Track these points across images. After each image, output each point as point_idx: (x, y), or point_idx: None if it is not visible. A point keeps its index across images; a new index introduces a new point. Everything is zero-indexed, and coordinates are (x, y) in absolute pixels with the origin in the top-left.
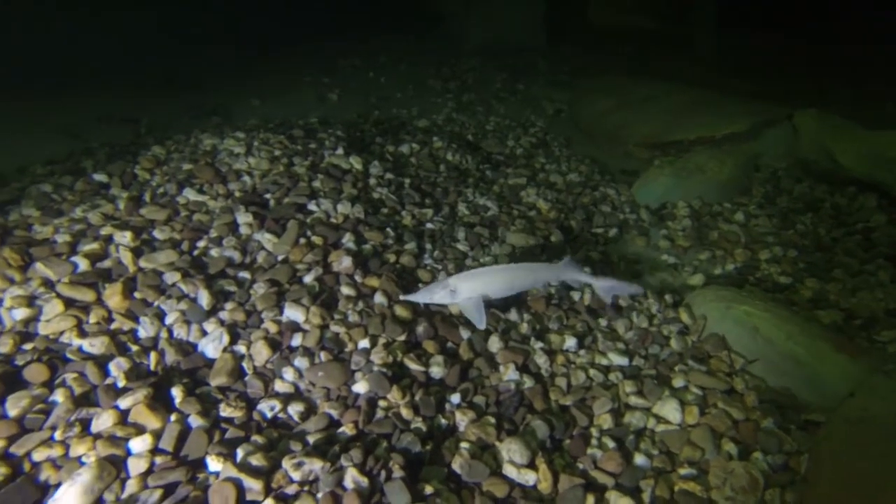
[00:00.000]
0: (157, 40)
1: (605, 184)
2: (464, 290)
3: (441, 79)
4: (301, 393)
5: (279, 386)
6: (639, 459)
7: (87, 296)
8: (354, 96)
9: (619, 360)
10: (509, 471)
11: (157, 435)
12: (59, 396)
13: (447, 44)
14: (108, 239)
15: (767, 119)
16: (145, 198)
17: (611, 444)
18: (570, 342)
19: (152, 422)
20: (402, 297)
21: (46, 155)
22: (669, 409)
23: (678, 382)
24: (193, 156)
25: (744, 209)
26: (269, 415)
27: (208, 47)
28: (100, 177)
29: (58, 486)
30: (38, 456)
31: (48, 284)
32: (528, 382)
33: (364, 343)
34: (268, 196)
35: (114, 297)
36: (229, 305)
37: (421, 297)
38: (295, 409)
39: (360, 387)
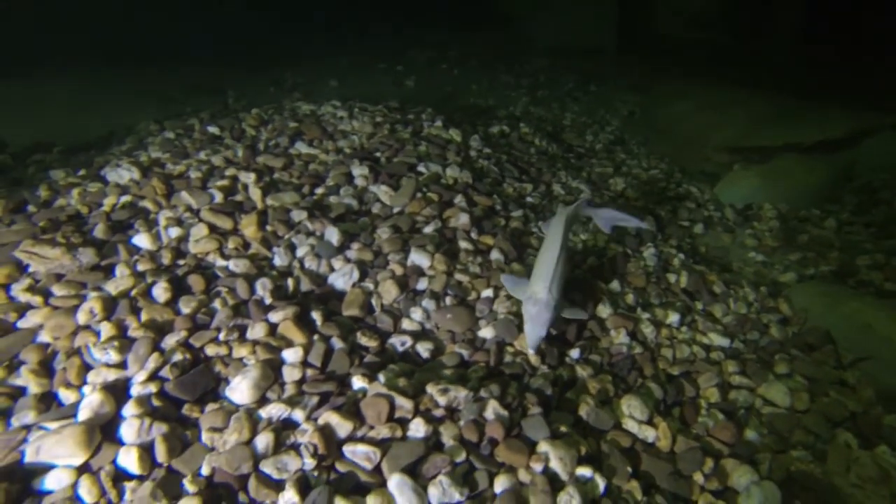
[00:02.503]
0: (241, 23)
1: (686, 182)
2: (548, 293)
3: (513, 75)
4: (428, 333)
5: (407, 324)
6: (750, 434)
7: (226, 223)
8: (430, 85)
9: (720, 340)
10: (630, 425)
11: (306, 350)
12: (217, 304)
13: (515, 44)
14: (234, 178)
15: (866, 128)
16: (259, 147)
17: (720, 416)
18: (674, 317)
19: (299, 338)
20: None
21: (146, 118)
22: (777, 393)
23: (782, 369)
24: (295, 117)
25: (835, 216)
26: (401, 349)
27: (286, 33)
28: (213, 129)
29: (227, 379)
30: (210, 351)
31: (192, 210)
32: (638, 348)
33: (487, 293)
34: (378, 154)
35: (249, 227)
36: (356, 245)
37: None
38: (425, 347)
39: (487, 332)
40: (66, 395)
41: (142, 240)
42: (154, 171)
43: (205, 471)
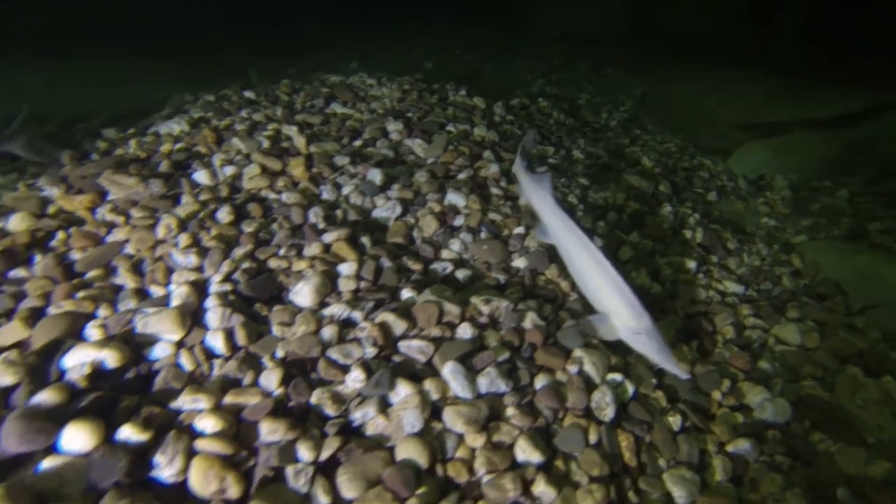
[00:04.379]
0: (261, 11)
1: (699, 155)
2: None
3: (527, 59)
4: (465, 262)
5: (446, 254)
6: (764, 365)
7: (275, 165)
8: (447, 67)
9: (735, 287)
10: None
11: (359, 265)
12: (275, 227)
13: (525, 32)
14: (277, 131)
15: (884, 102)
16: (296, 108)
17: (736, 348)
18: (692, 264)
19: (351, 256)
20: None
21: (176, 92)
22: (789, 332)
23: (794, 314)
24: (325, 84)
25: (848, 187)
26: (442, 273)
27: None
28: (249, 94)
29: (288, 288)
30: (272, 264)
31: (242, 154)
32: (658, 288)
33: (519, 230)
34: (409, 115)
35: (297, 168)
36: (396, 186)
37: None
38: (463, 273)
39: (520, 262)
40: (156, 291)
41: (201, 176)
42: (202, 125)
43: (279, 354)
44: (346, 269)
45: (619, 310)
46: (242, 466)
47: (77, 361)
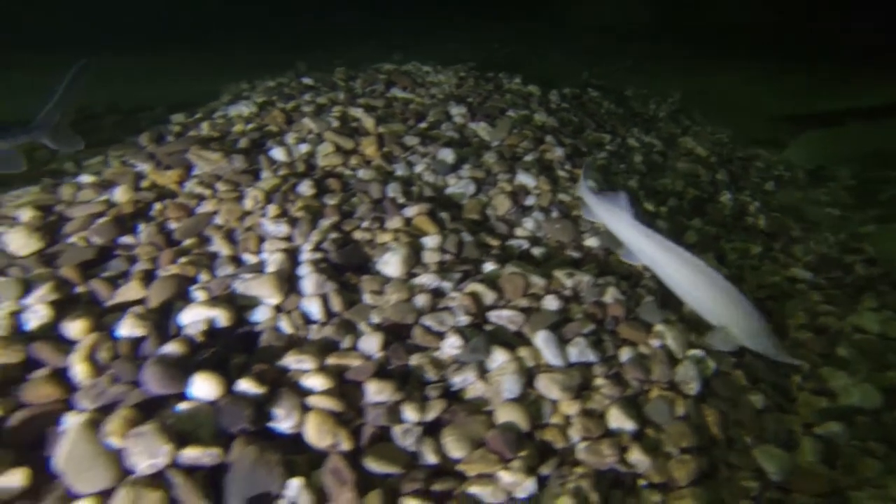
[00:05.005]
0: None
1: (752, 146)
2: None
3: (565, 52)
4: (539, 240)
5: (520, 231)
6: (843, 351)
7: (347, 144)
8: (489, 60)
9: (804, 274)
10: None
11: (442, 238)
12: (355, 201)
13: (557, 26)
14: (344, 112)
15: None
16: (357, 92)
17: (809, 334)
18: (757, 250)
19: (432, 230)
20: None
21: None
22: (867, 320)
23: (872, 303)
24: (380, 71)
25: None
26: (519, 250)
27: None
28: (307, 80)
29: (373, 258)
30: (357, 235)
31: (314, 133)
32: (725, 270)
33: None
34: (469, 100)
35: (369, 147)
36: (467, 166)
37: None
38: (539, 250)
39: (592, 242)
40: (249, 258)
41: (277, 153)
42: (268, 107)
43: (375, 320)
44: (431, 241)
45: (739, 320)
46: (352, 424)
47: (192, 319)
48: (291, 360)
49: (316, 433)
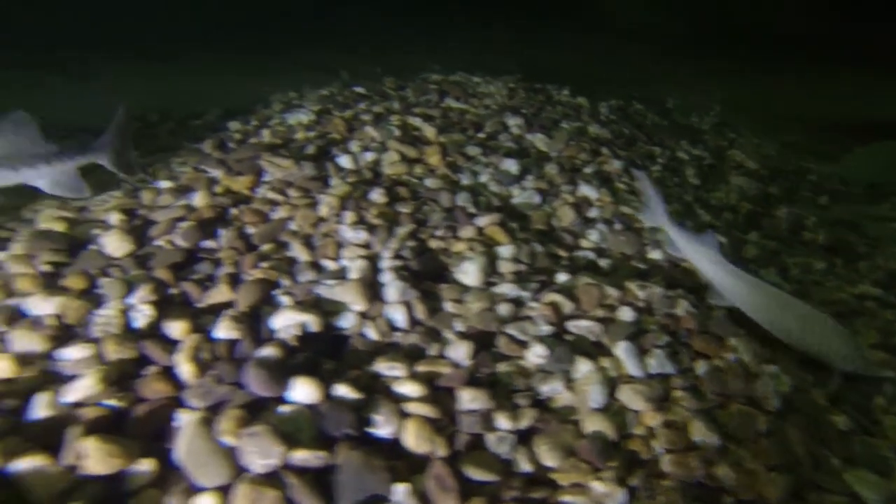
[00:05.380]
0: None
1: (801, 158)
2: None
3: (603, 61)
4: (605, 251)
5: (585, 243)
6: None
7: (411, 152)
8: (525, 68)
9: (874, 291)
10: None
11: (516, 248)
12: (427, 209)
13: (588, 31)
14: (403, 122)
15: None
16: (411, 101)
17: (884, 353)
18: (819, 265)
19: (504, 239)
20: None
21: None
22: None
23: None
24: (428, 81)
25: None
26: (584, 262)
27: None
28: (358, 89)
29: (449, 267)
30: (431, 244)
31: (377, 142)
32: (789, 285)
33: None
34: (524, 111)
35: (433, 156)
36: (530, 177)
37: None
38: (605, 262)
39: (656, 254)
40: (328, 264)
41: (344, 160)
42: (326, 115)
43: (459, 328)
44: (505, 251)
45: (842, 351)
46: (446, 431)
47: (284, 323)
48: (383, 367)
49: (414, 439)
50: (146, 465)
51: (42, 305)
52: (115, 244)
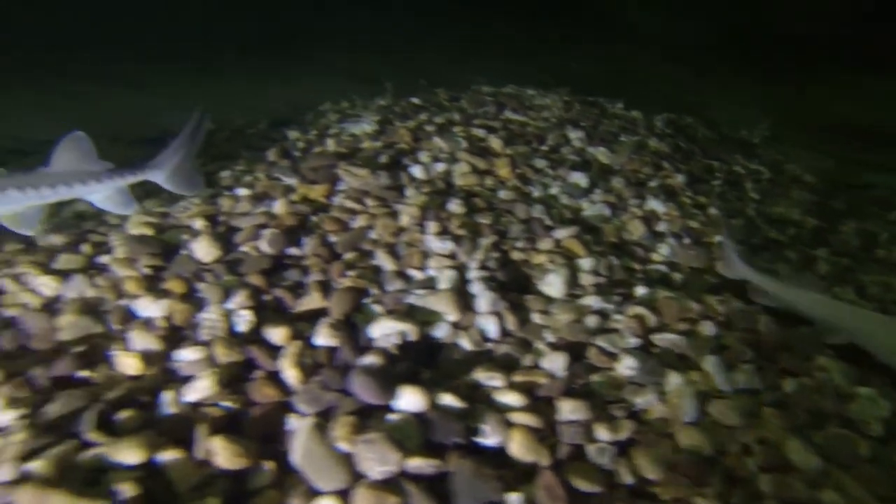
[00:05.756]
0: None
1: (862, 170)
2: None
3: (644, 71)
4: (676, 266)
5: (655, 257)
6: None
7: (481, 164)
8: (567, 80)
9: None
10: None
11: (595, 261)
12: (506, 221)
13: (618, 40)
14: (467, 133)
15: None
16: (470, 113)
17: None
18: None
19: (581, 252)
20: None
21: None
22: None
23: None
24: (480, 93)
25: None
26: (657, 276)
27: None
28: (415, 100)
29: (531, 278)
30: (513, 255)
31: (446, 152)
32: (867, 306)
33: (717, 238)
34: (583, 124)
35: (503, 168)
36: (598, 190)
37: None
38: (677, 276)
39: (726, 272)
40: (415, 274)
41: (416, 171)
42: (389, 126)
43: (550, 339)
44: (586, 263)
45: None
46: (547, 441)
47: (383, 332)
48: (482, 376)
49: (519, 448)
50: (267, 466)
51: (150, 307)
52: (204, 249)
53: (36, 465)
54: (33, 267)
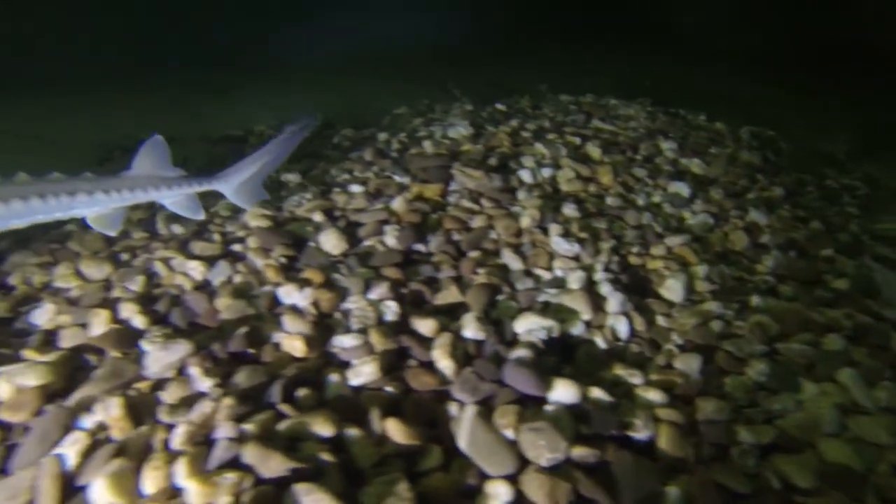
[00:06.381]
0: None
1: None
2: None
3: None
4: (782, 278)
5: (760, 268)
6: None
7: (584, 171)
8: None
9: None
10: None
11: (708, 268)
12: (619, 226)
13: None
14: (563, 139)
15: None
16: (558, 120)
17: None
18: None
19: (693, 260)
20: None
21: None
22: None
23: None
24: (558, 102)
25: None
26: (766, 287)
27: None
28: (500, 106)
29: (650, 283)
30: (631, 260)
31: (549, 158)
32: None
33: (826, 252)
34: (671, 135)
35: (605, 176)
36: (699, 200)
37: None
38: (786, 288)
39: (839, 284)
40: (542, 273)
41: (525, 175)
42: (482, 130)
43: (679, 341)
44: (701, 271)
45: None
46: (690, 438)
47: (528, 327)
48: (623, 373)
49: (669, 444)
50: (436, 450)
51: (295, 294)
52: (332, 242)
53: (249, 427)
54: (178, 252)
